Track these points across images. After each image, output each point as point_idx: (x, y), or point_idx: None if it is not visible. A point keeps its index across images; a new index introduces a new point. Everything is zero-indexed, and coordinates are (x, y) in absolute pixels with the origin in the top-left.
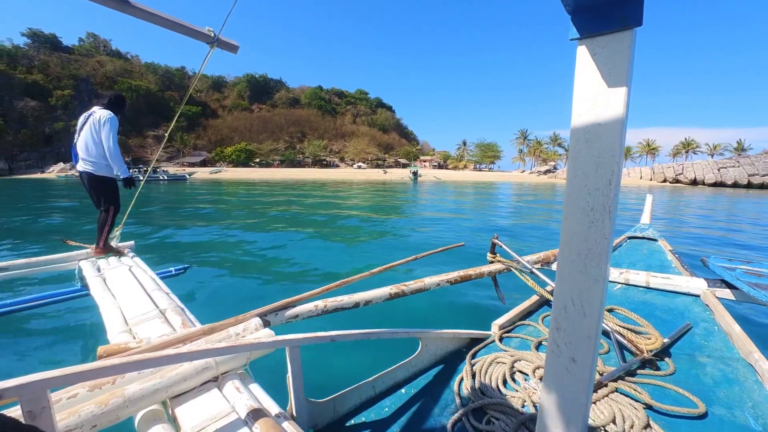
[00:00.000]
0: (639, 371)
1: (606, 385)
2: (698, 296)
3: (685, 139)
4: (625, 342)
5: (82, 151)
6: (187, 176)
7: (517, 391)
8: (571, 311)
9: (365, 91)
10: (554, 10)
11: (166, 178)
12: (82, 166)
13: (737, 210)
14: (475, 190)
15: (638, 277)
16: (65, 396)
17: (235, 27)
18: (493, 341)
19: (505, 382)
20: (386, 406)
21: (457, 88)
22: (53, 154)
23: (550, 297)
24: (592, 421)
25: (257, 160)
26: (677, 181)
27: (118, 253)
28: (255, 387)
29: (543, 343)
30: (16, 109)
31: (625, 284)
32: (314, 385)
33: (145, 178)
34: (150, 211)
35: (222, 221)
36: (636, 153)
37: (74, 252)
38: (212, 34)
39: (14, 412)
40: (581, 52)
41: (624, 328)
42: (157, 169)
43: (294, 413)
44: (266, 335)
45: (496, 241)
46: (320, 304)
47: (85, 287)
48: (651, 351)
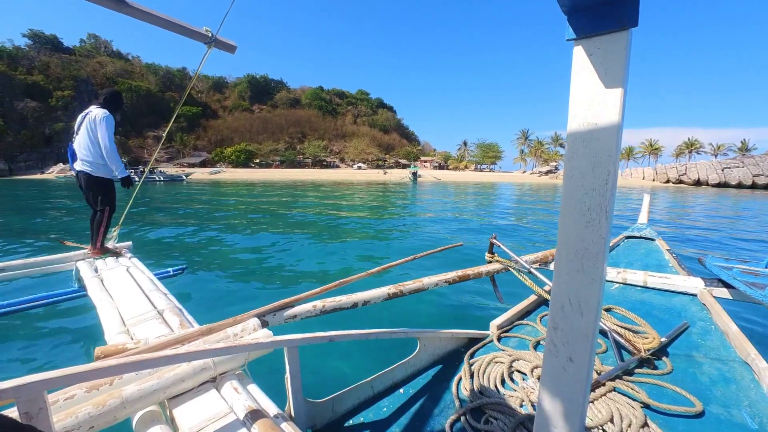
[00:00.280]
0: (636, 370)
1: (604, 385)
2: (695, 295)
3: (688, 139)
4: (622, 341)
5: (79, 151)
6: (184, 177)
7: (515, 390)
8: (568, 311)
9: (366, 91)
10: (552, 11)
11: (163, 179)
12: (80, 166)
13: (743, 211)
14: (475, 191)
15: (636, 276)
16: (62, 397)
17: (236, 27)
18: (491, 341)
19: (503, 382)
20: (385, 406)
21: (457, 88)
22: (53, 154)
23: (548, 296)
24: (590, 420)
25: (257, 160)
26: (680, 182)
27: (116, 254)
28: (253, 387)
29: (541, 342)
30: (16, 109)
31: (623, 284)
32: (313, 386)
33: (141, 179)
34: (147, 211)
35: (221, 221)
36: (639, 153)
37: (72, 252)
38: (210, 34)
39: (11, 414)
40: (578, 53)
41: (621, 327)
42: (154, 170)
43: (292, 414)
44: (264, 335)
45: (495, 241)
46: (318, 304)
47: (83, 288)
48: (648, 350)
